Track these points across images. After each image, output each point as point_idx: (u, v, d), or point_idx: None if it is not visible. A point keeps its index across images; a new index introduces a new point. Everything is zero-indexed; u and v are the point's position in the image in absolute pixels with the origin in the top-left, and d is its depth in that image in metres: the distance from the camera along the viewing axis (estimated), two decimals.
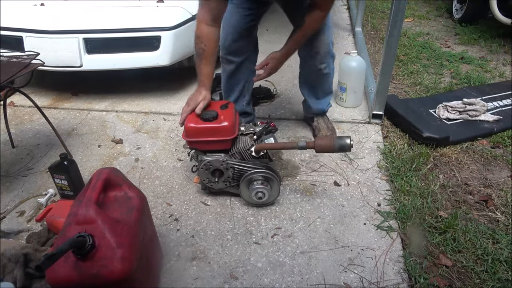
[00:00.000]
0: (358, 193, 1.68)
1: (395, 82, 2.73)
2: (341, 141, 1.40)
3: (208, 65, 1.57)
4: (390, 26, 1.85)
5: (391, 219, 1.53)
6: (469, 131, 2.06)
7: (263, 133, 1.56)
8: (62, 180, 1.60)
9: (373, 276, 1.31)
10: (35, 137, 2.14)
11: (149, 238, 1.21)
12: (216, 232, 1.50)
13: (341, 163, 1.87)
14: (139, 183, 1.77)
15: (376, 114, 2.14)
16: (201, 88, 1.56)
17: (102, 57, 2.28)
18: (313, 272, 1.33)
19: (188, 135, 1.52)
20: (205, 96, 1.54)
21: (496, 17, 3.30)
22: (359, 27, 3.51)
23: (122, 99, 2.53)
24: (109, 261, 0.96)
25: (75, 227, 0.98)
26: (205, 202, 1.65)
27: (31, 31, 2.25)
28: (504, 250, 1.40)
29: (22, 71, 1.60)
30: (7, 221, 1.57)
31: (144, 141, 2.09)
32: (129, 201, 1.15)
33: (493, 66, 2.97)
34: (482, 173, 1.81)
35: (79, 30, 2.23)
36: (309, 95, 2.01)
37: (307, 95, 2.02)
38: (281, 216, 1.57)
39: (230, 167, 1.53)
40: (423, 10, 4.52)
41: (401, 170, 1.79)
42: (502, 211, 1.58)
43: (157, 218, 1.57)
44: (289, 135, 2.10)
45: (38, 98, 2.53)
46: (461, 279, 1.31)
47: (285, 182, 1.75)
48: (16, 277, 1.19)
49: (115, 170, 1.20)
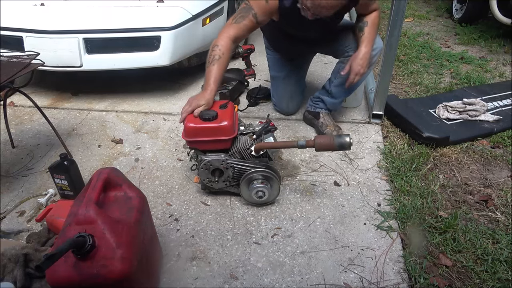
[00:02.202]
0: (358, 193, 1.68)
1: (395, 82, 2.74)
2: (341, 140, 1.40)
3: (221, 71, 1.62)
4: (390, 26, 1.85)
5: (391, 219, 1.53)
6: (469, 131, 2.05)
7: (263, 133, 1.56)
8: (62, 180, 1.60)
9: (373, 276, 1.31)
10: (35, 137, 2.14)
11: (149, 238, 1.21)
12: (216, 232, 1.50)
13: (341, 163, 1.87)
14: (139, 183, 1.77)
15: (376, 114, 2.14)
16: (206, 92, 1.57)
17: (102, 57, 2.28)
18: (313, 272, 1.33)
19: (188, 135, 1.52)
20: (208, 102, 1.54)
21: (496, 17, 3.30)
22: None
23: (122, 99, 2.53)
24: (109, 261, 0.96)
25: (75, 227, 0.98)
26: (205, 202, 1.65)
27: (31, 31, 2.25)
28: (504, 250, 1.40)
29: (22, 71, 1.60)
30: (7, 221, 1.57)
31: (144, 141, 2.09)
32: (129, 201, 1.15)
33: (493, 66, 2.97)
34: (482, 173, 1.81)
35: (79, 30, 2.23)
36: (331, 92, 2.03)
37: (331, 91, 2.03)
38: (281, 216, 1.57)
39: (230, 166, 1.53)
40: (423, 10, 4.52)
41: (401, 170, 1.79)
42: (502, 211, 1.58)
43: (157, 218, 1.56)
44: (289, 135, 2.10)
45: (38, 98, 2.53)
46: (461, 279, 1.31)
47: (285, 182, 1.75)
48: (16, 277, 1.19)
49: (115, 170, 1.20)
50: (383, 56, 1.94)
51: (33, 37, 2.25)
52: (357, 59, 1.76)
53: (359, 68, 1.76)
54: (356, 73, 1.77)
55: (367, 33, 1.80)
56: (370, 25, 1.80)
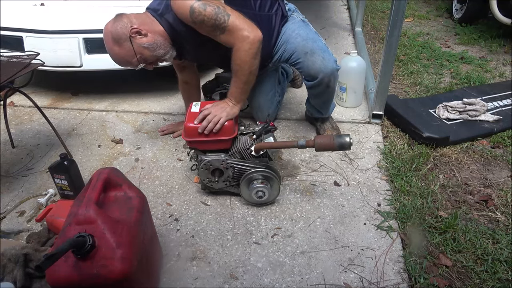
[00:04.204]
0: (358, 193, 1.68)
1: (395, 82, 2.73)
2: (341, 139, 1.40)
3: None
4: (390, 26, 1.85)
5: (391, 219, 1.53)
6: (469, 131, 2.05)
7: (263, 133, 1.56)
8: (62, 180, 1.60)
9: (373, 276, 1.31)
10: (35, 137, 2.14)
11: (149, 238, 1.21)
12: (216, 232, 1.50)
13: (341, 163, 1.87)
14: (139, 183, 1.77)
15: (376, 114, 2.14)
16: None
17: (102, 57, 2.27)
18: (313, 272, 1.33)
19: (188, 135, 1.52)
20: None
21: (496, 17, 3.30)
22: (359, 27, 3.51)
23: (122, 99, 2.52)
24: (109, 261, 0.96)
25: (75, 227, 0.98)
26: (205, 202, 1.65)
27: (31, 31, 2.25)
28: (504, 250, 1.40)
29: (22, 71, 1.60)
30: (7, 221, 1.57)
31: (144, 141, 2.09)
32: (129, 201, 1.15)
33: (493, 66, 2.97)
34: (482, 173, 1.81)
35: (79, 30, 2.23)
36: (314, 111, 2.03)
37: (313, 110, 2.03)
38: (281, 216, 1.57)
39: (230, 166, 1.53)
40: (423, 10, 4.52)
41: (401, 170, 1.79)
42: (502, 211, 1.58)
43: (157, 218, 1.57)
44: (289, 135, 2.10)
45: (38, 98, 2.53)
46: (461, 279, 1.31)
47: (285, 182, 1.75)
48: (16, 277, 1.19)
49: (115, 170, 1.20)
50: (383, 56, 1.94)
51: (33, 37, 2.25)
52: (216, 107, 1.53)
53: (214, 118, 1.49)
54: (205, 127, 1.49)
55: (232, 85, 1.58)
56: (235, 74, 1.55)
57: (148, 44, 1.55)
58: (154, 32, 1.56)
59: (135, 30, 1.52)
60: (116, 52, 1.57)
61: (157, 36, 1.57)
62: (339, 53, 3.09)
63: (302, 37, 1.73)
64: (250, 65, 1.52)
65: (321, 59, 1.69)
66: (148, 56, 1.58)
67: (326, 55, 1.70)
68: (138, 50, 1.55)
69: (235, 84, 1.58)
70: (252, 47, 1.48)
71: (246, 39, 1.47)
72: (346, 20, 3.94)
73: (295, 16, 1.85)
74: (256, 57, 1.52)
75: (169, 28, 1.58)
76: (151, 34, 1.55)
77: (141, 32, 1.53)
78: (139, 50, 1.55)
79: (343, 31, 3.64)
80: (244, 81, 1.56)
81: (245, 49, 1.48)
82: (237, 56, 1.50)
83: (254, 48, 1.49)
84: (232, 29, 1.47)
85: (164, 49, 1.59)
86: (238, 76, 1.55)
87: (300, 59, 1.72)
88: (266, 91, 2.04)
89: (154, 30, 1.56)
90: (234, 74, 1.56)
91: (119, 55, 1.57)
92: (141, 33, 1.53)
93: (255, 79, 1.60)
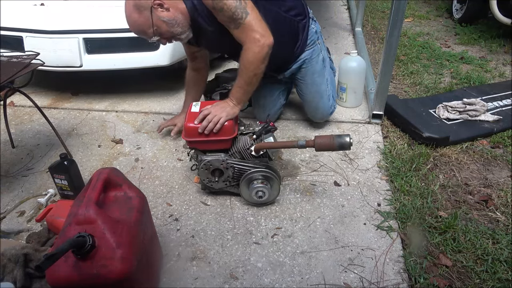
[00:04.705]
0: (358, 193, 1.68)
1: (395, 82, 2.73)
2: (341, 139, 1.40)
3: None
4: (390, 26, 1.85)
5: (391, 219, 1.53)
6: (469, 131, 2.05)
7: (263, 133, 1.56)
8: (62, 180, 1.60)
9: (373, 276, 1.31)
10: (35, 137, 2.14)
11: (149, 238, 1.21)
12: (216, 232, 1.50)
13: (341, 163, 1.87)
14: (139, 183, 1.77)
15: (376, 114, 2.14)
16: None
17: (102, 57, 2.28)
18: (313, 272, 1.33)
19: (188, 135, 1.52)
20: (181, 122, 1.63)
21: (496, 17, 3.30)
22: (359, 27, 3.51)
23: (122, 99, 2.52)
24: (109, 261, 0.96)
25: (75, 227, 0.98)
26: (205, 202, 1.65)
27: (31, 31, 2.25)
28: (504, 250, 1.40)
29: (22, 71, 1.60)
30: (7, 221, 1.57)
31: (144, 141, 2.09)
32: (129, 201, 1.15)
33: (493, 66, 2.97)
34: (482, 173, 1.81)
35: (79, 30, 2.23)
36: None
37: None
38: (281, 216, 1.57)
39: (230, 166, 1.53)
40: (423, 10, 4.52)
41: (401, 170, 1.79)
42: (502, 211, 1.58)
43: (157, 218, 1.57)
44: (289, 135, 2.10)
45: (38, 98, 2.53)
46: (461, 279, 1.31)
47: (285, 182, 1.75)
48: (16, 277, 1.19)
49: (115, 170, 1.20)
50: (383, 56, 1.94)
51: (33, 37, 2.25)
52: (216, 107, 1.53)
53: (214, 118, 1.50)
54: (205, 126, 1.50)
55: (235, 85, 1.59)
56: (239, 73, 1.57)
57: (167, 19, 1.53)
58: (177, 8, 1.55)
59: (158, 2, 1.50)
60: (134, 19, 1.55)
61: (178, 13, 1.55)
62: (339, 53, 3.09)
63: (315, 89, 1.97)
64: (256, 68, 1.53)
65: (321, 112, 2.04)
66: (165, 31, 1.56)
67: (326, 109, 2.01)
68: (156, 22, 1.53)
69: (238, 84, 1.59)
70: (261, 51, 1.50)
71: (256, 42, 1.49)
72: (346, 20, 3.94)
73: (317, 49, 1.92)
74: (263, 62, 1.53)
75: (192, 8, 1.56)
76: (172, 10, 1.54)
77: (164, 5, 1.52)
78: (157, 22, 1.53)
79: (343, 31, 3.64)
80: (247, 82, 1.57)
81: (254, 51, 1.50)
82: (245, 56, 1.52)
83: (263, 53, 1.51)
84: (246, 28, 1.48)
85: (181, 28, 1.58)
86: (242, 76, 1.56)
87: (305, 103, 2.05)
88: (272, 92, 2.07)
89: (177, 7, 1.55)
90: (239, 74, 1.57)
91: (136, 23, 1.55)
92: (163, 6, 1.52)
93: (258, 83, 1.60)
